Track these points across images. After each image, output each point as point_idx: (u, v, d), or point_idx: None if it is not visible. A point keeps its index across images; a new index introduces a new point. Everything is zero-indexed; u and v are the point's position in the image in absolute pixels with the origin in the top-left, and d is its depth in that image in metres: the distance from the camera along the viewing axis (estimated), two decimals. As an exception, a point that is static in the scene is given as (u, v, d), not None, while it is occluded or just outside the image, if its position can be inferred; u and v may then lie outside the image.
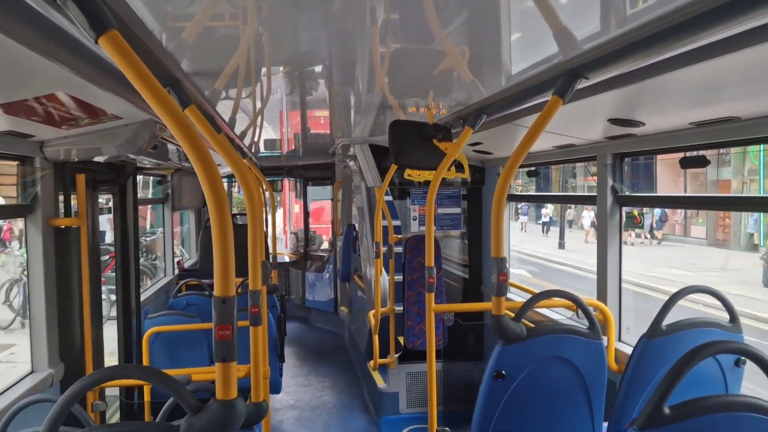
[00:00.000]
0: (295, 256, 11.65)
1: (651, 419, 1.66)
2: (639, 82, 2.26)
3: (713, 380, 2.82)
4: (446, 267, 7.17)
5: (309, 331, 10.37)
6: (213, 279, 1.49)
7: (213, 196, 1.43)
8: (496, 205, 2.59)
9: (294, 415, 6.43)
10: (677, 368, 1.72)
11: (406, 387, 5.94)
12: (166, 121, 1.40)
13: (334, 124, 6.19)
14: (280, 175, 11.61)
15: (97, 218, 4.36)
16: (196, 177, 1.47)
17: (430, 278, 3.73)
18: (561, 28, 2.01)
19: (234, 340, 1.47)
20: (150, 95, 1.39)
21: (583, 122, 3.46)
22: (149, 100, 1.39)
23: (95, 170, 4.14)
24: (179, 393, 1.48)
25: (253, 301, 2.75)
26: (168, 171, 6.93)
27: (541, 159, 5.06)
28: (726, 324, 2.91)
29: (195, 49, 2.42)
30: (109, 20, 1.34)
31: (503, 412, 2.76)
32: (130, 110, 2.88)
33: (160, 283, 7.13)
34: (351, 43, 2.70)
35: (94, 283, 4.10)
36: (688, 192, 17.83)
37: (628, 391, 2.88)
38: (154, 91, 1.39)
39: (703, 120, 2.92)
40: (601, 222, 4.14)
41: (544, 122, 2.34)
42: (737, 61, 1.84)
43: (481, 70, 2.85)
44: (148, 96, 1.39)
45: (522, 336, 2.74)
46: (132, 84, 1.41)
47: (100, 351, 4.32)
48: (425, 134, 3.50)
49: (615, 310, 4.07)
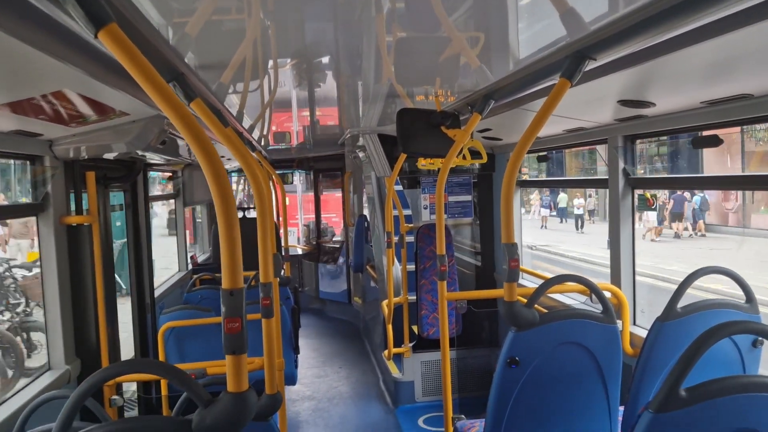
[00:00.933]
0: (308, 248, 11.68)
1: (667, 402, 1.65)
2: (648, 62, 2.22)
3: (730, 362, 2.79)
4: (458, 255, 7.16)
5: (323, 323, 10.41)
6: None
7: (218, 189, 1.43)
8: (506, 191, 2.57)
9: (310, 406, 6.47)
10: (692, 350, 1.70)
11: (421, 375, 5.96)
12: (169, 114, 1.40)
13: (343, 114, 6.18)
14: (291, 168, 11.63)
15: (109, 215, 4.39)
16: None
17: (442, 266, 3.72)
18: (567, 9, 1.98)
19: (243, 333, 1.47)
20: (152, 89, 1.39)
21: (592, 105, 3.42)
22: (151, 94, 1.39)
23: (105, 167, 4.17)
24: (190, 386, 1.49)
25: (264, 294, 2.75)
26: (178, 166, 6.96)
27: (551, 144, 5.02)
28: (743, 305, 2.88)
29: (199, 42, 2.41)
30: (107, 14, 1.34)
31: (518, 398, 2.76)
32: (137, 106, 2.89)
33: (174, 278, 7.18)
34: (357, 32, 2.68)
35: (108, 279, 4.13)
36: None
37: (644, 374, 2.86)
38: (156, 85, 1.39)
39: (715, 99, 2.87)
40: (613, 205, 4.10)
41: (552, 106, 2.32)
42: (749, 36, 1.80)
43: (488, 55, 2.82)
44: (150, 90, 1.38)
45: (535, 322, 2.72)
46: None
47: (116, 346, 4.37)
48: (433, 122, 3.48)
49: (629, 294, 4.04)
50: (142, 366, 2.18)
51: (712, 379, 1.68)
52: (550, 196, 26.99)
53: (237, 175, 11.00)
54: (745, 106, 2.82)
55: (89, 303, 3.79)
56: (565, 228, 25.53)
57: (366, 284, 8.67)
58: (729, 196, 18.01)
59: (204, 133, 1.44)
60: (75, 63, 1.91)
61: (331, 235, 11.91)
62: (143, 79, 1.38)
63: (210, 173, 1.43)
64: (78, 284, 3.68)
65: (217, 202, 1.44)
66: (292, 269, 10.44)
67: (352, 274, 9.84)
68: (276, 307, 3.11)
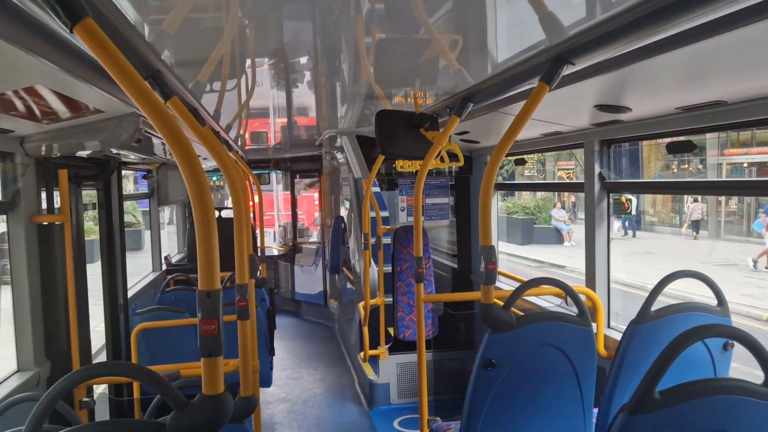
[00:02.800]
0: (284, 249, 11.62)
1: (641, 405, 1.67)
2: (625, 67, 2.25)
3: (702, 364, 2.83)
4: (436, 257, 7.18)
5: (299, 324, 10.35)
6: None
7: (195, 189, 1.41)
8: (484, 194, 2.58)
9: (285, 408, 6.43)
10: (666, 354, 1.72)
11: (397, 377, 5.95)
12: (146, 112, 1.37)
13: (321, 115, 6.16)
14: (268, 169, 11.56)
15: (82, 214, 4.31)
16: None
17: (419, 268, 3.73)
18: (546, 13, 1.99)
19: (220, 335, 1.45)
20: (129, 86, 1.36)
21: (570, 109, 3.45)
22: (128, 91, 1.36)
23: (78, 165, 4.09)
24: (165, 389, 1.46)
25: (240, 295, 2.72)
26: (153, 165, 6.86)
27: (529, 147, 5.06)
28: (714, 308, 2.93)
29: (177, 40, 2.38)
30: (83, 9, 1.31)
31: (494, 400, 2.77)
32: (112, 103, 2.83)
33: (148, 278, 7.08)
34: (336, 33, 2.67)
35: (80, 279, 4.06)
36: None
37: (618, 376, 2.89)
38: (132, 82, 1.36)
39: (690, 105, 2.92)
40: (589, 209, 4.14)
41: (530, 109, 2.33)
42: (722, 44, 1.83)
43: (467, 58, 2.83)
44: (126, 87, 1.36)
45: (511, 324, 2.73)
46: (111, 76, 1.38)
47: (87, 348, 4.28)
48: (412, 123, 3.48)
49: (603, 297, 4.08)
50: (116, 369, 2.14)
51: (685, 382, 1.70)
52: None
53: (218, 178, 10.90)
54: (719, 112, 2.87)
55: (60, 303, 3.71)
56: (645, 246, 18.66)
57: (342, 286, 8.65)
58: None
59: (181, 132, 1.41)
60: (49, 58, 1.86)
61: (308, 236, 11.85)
62: (119, 75, 1.35)
63: (187, 172, 1.41)
64: (48, 284, 3.61)
65: (194, 202, 1.41)
66: (267, 270, 10.36)
67: (329, 275, 9.80)
68: (252, 308, 3.08)
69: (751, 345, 1.74)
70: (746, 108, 2.70)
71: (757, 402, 1.68)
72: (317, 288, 10.53)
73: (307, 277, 10.84)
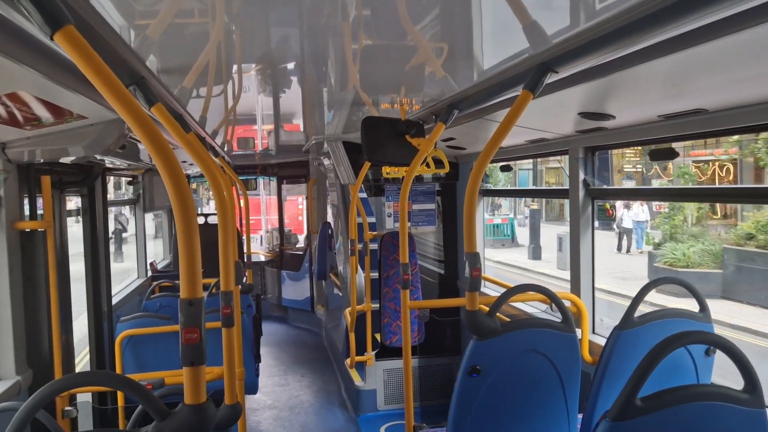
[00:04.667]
0: (271, 255, 11.57)
1: (624, 411, 1.68)
2: (608, 75, 2.27)
3: (685, 370, 2.86)
4: (422, 263, 7.18)
5: (286, 331, 10.31)
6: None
7: (177, 195, 1.40)
8: (469, 200, 2.59)
9: (271, 415, 6.39)
10: (648, 361, 1.74)
11: (383, 384, 5.94)
12: (126, 118, 1.37)
13: (308, 121, 6.15)
14: (255, 174, 11.53)
15: (65, 221, 4.27)
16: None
17: (405, 275, 3.73)
18: (530, 22, 2.01)
19: (202, 344, 1.44)
20: (109, 93, 1.35)
21: (554, 116, 3.48)
22: (108, 97, 1.35)
23: (62, 171, 4.05)
24: (146, 399, 1.45)
25: (225, 302, 2.71)
26: (139, 171, 6.82)
27: (514, 154, 5.09)
28: (696, 314, 2.96)
29: (161, 46, 2.37)
30: (64, 16, 1.30)
31: (479, 406, 2.77)
32: (95, 109, 2.82)
33: (133, 285, 7.02)
34: (323, 39, 2.67)
35: (63, 286, 4.01)
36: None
37: (602, 382, 2.91)
38: (113, 88, 1.36)
39: (672, 112, 2.95)
40: (573, 215, 4.17)
41: (515, 116, 2.35)
42: (703, 53, 1.86)
43: (453, 65, 2.85)
44: (107, 94, 1.35)
45: (496, 331, 2.74)
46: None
47: (71, 356, 4.24)
48: (398, 130, 3.49)
49: (588, 303, 4.11)
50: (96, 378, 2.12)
51: (666, 389, 1.72)
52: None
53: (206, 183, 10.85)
54: (700, 120, 2.90)
55: (42, 311, 3.67)
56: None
57: (329, 292, 8.63)
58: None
59: (162, 138, 1.41)
60: (31, 64, 1.85)
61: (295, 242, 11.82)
62: (100, 82, 1.34)
63: (169, 179, 1.40)
64: (31, 292, 3.57)
65: (176, 209, 1.40)
66: (254, 276, 10.32)
67: (316, 281, 9.78)
68: (237, 315, 3.07)
69: (731, 351, 1.76)
70: (726, 116, 2.74)
71: (737, 408, 1.70)
72: (304, 294, 10.50)
73: (294, 282, 10.81)
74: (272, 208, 12.51)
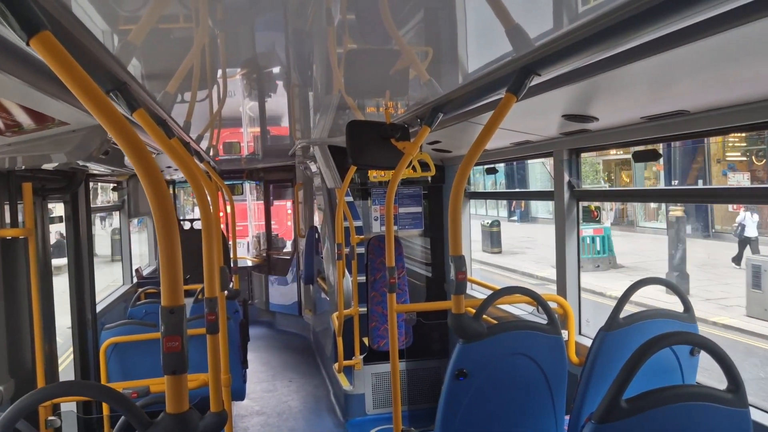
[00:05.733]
0: (258, 260, 11.52)
1: (608, 413, 1.68)
2: (591, 78, 2.28)
3: (670, 369, 2.88)
4: (409, 266, 7.18)
5: (273, 336, 10.26)
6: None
7: (157, 201, 1.39)
8: (453, 203, 2.59)
9: (259, 422, 6.35)
10: (632, 362, 1.75)
11: (372, 388, 5.92)
12: (105, 124, 1.35)
13: (293, 125, 6.14)
14: (241, 179, 11.48)
15: (47, 228, 4.22)
16: None
17: (391, 278, 3.72)
18: (513, 25, 2.02)
19: (184, 351, 1.42)
20: (87, 98, 1.34)
21: (538, 119, 3.50)
22: (86, 103, 1.34)
23: (44, 178, 4.01)
24: (128, 409, 1.43)
25: (209, 309, 2.69)
26: (123, 177, 6.76)
27: (499, 156, 5.11)
28: (681, 314, 2.98)
29: (144, 51, 2.35)
30: (41, 21, 1.29)
31: (466, 409, 2.77)
32: (77, 116, 2.79)
33: (118, 292, 6.96)
34: (308, 43, 2.67)
35: (45, 294, 3.97)
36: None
37: (588, 383, 2.92)
38: (91, 94, 1.34)
39: (654, 114, 2.98)
40: (558, 217, 4.19)
41: (498, 119, 2.35)
42: (683, 55, 1.88)
43: (437, 68, 2.85)
44: (84, 99, 1.34)
45: (482, 333, 2.74)
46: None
47: (54, 365, 4.19)
48: (382, 134, 3.49)
49: (574, 304, 4.12)
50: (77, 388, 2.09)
51: (651, 390, 1.73)
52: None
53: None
54: (681, 121, 2.93)
55: (24, 320, 3.62)
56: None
57: (317, 296, 8.60)
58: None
59: (142, 143, 1.39)
60: (10, 71, 1.83)
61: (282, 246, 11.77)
62: (78, 88, 1.33)
63: (148, 185, 1.39)
64: (12, 300, 3.52)
65: (156, 215, 1.39)
66: (241, 281, 10.26)
67: (303, 286, 9.75)
68: (222, 321, 3.05)
69: (714, 352, 1.78)
70: (707, 117, 2.76)
71: (721, 408, 1.71)
72: (292, 299, 10.46)
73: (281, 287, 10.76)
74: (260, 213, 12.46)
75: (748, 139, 17.25)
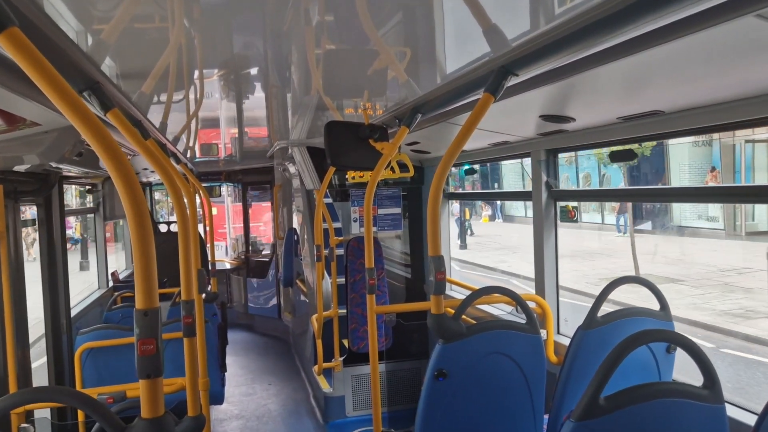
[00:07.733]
0: (236, 263, 11.43)
1: (587, 411, 1.69)
2: (568, 78, 2.30)
3: (647, 367, 2.91)
4: (389, 267, 7.18)
5: (253, 339, 10.19)
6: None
7: (131, 203, 1.36)
8: (432, 203, 2.59)
9: (238, 425, 6.30)
10: (610, 360, 1.76)
11: (352, 390, 5.90)
12: (76, 124, 1.33)
13: (272, 126, 6.11)
14: (219, 181, 11.39)
15: (20, 231, 4.14)
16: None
17: (371, 280, 3.71)
18: (490, 25, 2.02)
19: (159, 355, 1.40)
20: (57, 97, 1.31)
21: (516, 119, 3.51)
22: (56, 102, 1.31)
23: (16, 180, 3.93)
24: (102, 415, 1.41)
25: (186, 312, 2.66)
26: (98, 179, 6.67)
27: (478, 157, 5.13)
28: (657, 312, 3.01)
29: (118, 50, 2.32)
30: (8, 17, 1.26)
31: (446, 410, 2.77)
32: (49, 116, 2.74)
33: (94, 296, 6.85)
34: (286, 43, 2.65)
35: (17, 299, 3.89)
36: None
37: (567, 382, 2.93)
38: (62, 93, 1.31)
39: (630, 114, 3.01)
40: (537, 217, 4.22)
41: (476, 120, 2.36)
42: (659, 55, 1.90)
43: (415, 69, 2.85)
44: (54, 98, 1.31)
45: (462, 333, 2.75)
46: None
47: (27, 371, 4.10)
48: (361, 135, 3.48)
49: (553, 304, 4.15)
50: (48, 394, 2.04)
51: (629, 387, 1.74)
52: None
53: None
54: (657, 121, 2.96)
55: None
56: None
57: (296, 298, 8.55)
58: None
59: (115, 144, 1.37)
60: None
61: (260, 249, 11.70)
62: (48, 86, 1.30)
63: (122, 186, 1.37)
64: None
65: (130, 217, 1.37)
66: (219, 284, 10.17)
67: (282, 288, 9.69)
68: (200, 325, 3.01)
69: (690, 349, 1.80)
70: (681, 117, 2.80)
71: (697, 404, 1.73)
72: (271, 301, 10.39)
73: (260, 290, 10.69)
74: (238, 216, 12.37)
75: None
